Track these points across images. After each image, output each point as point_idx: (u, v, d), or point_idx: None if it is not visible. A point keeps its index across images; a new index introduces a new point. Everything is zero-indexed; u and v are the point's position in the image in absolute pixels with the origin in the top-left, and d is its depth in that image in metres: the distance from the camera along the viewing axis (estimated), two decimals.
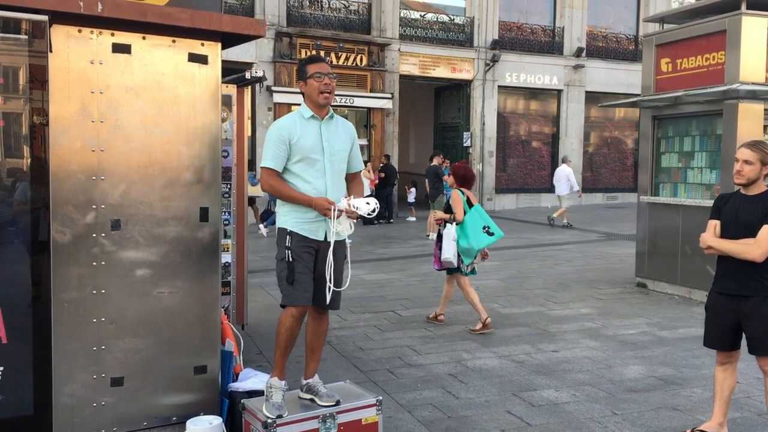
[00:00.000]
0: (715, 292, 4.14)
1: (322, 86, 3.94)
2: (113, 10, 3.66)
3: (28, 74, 3.62)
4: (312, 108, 3.99)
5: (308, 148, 3.92)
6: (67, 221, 3.72)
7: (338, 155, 4.04)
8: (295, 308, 3.91)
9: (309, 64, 4.02)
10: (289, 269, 3.87)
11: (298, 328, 3.97)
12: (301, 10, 19.26)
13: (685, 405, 4.88)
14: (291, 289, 3.89)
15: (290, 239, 3.90)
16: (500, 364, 5.81)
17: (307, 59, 4.10)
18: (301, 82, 4.03)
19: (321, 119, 4.00)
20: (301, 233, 3.92)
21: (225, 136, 5.45)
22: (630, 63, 23.23)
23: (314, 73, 3.95)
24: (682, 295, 8.59)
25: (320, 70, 3.96)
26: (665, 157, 9.14)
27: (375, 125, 20.07)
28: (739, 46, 7.77)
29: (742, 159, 3.98)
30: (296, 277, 3.87)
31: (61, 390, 3.74)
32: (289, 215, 3.97)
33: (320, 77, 3.94)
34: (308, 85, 3.97)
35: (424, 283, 9.40)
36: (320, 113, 4.00)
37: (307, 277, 3.93)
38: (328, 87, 3.96)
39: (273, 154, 3.91)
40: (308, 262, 3.94)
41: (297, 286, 3.88)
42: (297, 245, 3.90)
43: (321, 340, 4.20)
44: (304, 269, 3.91)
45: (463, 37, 21.58)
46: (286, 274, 3.88)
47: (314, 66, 3.99)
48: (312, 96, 3.98)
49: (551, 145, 23.26)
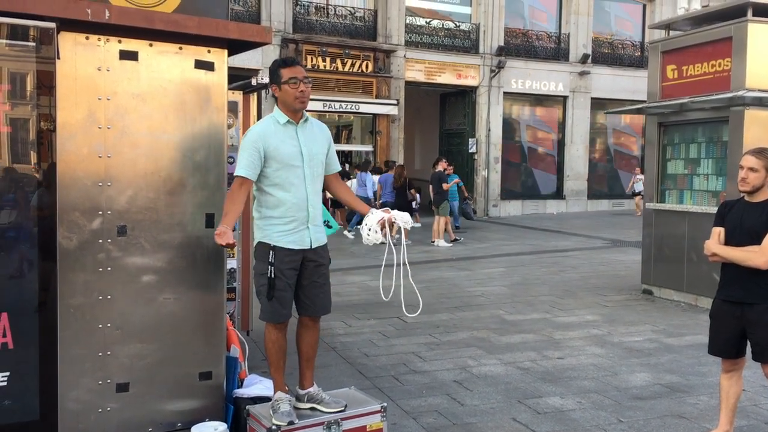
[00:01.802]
0: (720, 300, 4.13)
1: (298, 93, 3.81)
2: (121, 18, 3.68)
3: (36, 81, 3.65)
4: (287, 113, 3.87)
5: (287, 155, 3.81)
6: (74, 227, 3.74)
7: (316, 159, 3.95)
8: (276, 323, 3.91)
9: (283, 68, 3.86)
10: (270, 286, 3.81)
11: (285, 339, 3.97)
12: (308, 17, 19.32)
13: (691, 413, 4.86)
14: (270, 306, 3.84)
15: (273, 255, 3.82)
16: (506, 371, 5.80)
17: (280, 62, 3.92)
18: (274, 86, 3.87)
19: (297, 124, 3.90)
20: (287, 246, 3.84)
21: (231, 143, 5.47)
22: (636, 70, 23.20)
23: (289, 78, 3.81)
24: (689, 302, 8.56)
25: (295, 75, 3.81)
26: (671, 163, 9.12)
27: (380, 131, 20.09)
28: (746, 53, 7.76)
29: (747, 166, 3.97)
30: (276, 294, 3.81)
31: (67, 395, 3.75)
32: (270, 228, 3.86)
33: (295, 83, 3.81)
34: (282, 90, 3.84)
35: (429, 289, 9.39)
36: (295, 118, 3.89)
37: (287, 293, 3.88)
38: (304, 94, 3.83)
39: (248, 163, 3.77)
40: (290, 278, 3.87)
41: (276, 303, 3.83)
42: (280, 261, 3.82)
43: (315, 349, 4.16)
44: (285, 286, 3.86)
45: (468, 43, 21.61)
46: (266, 290, 3.82)
47: (289, 71, 3.83)
48: (287, 102, 3.85)
49: (557, 151, 23.24)
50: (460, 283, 10.00)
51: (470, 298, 8.89)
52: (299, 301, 4.02)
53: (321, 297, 4.04)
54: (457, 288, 9.64)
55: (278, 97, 3.90)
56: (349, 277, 10.35)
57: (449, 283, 10.02)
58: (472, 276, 10.72)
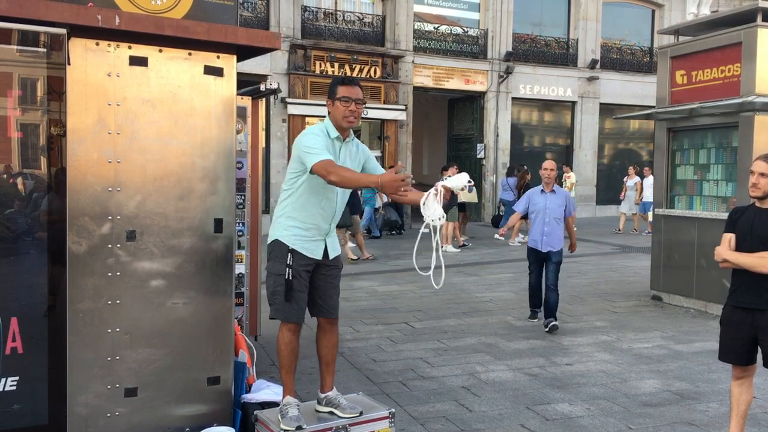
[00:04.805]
0: (731, 306, 4.10)
1: (347, 111, 3.91)
2: (130, 24, 3.70)
3: (47, 86, 3.68)
4: (336, 128, 3.98)
5: None
6: (83, 232, 3.75)
7: None
8: (291, 324, 3.93)
9: (340, 85, 3.97)
10: (287, 287, 3.86)
11: (298, 342, 4.00)
12: (316, 23, 19.37)
13: (701, 420, 4.83)
14: (287, 306, 3.89)
15: (291, 257, 3.88)
16: (514, 377, 5.78)
17: (339, 79, 4.04)
18: (329, 101, 3.99)
19: (343, 141, 4.00)
20: (301, 251, 3.91)
21: (240, 148, 5.49)
22: (644, 75, 23.13)
23: (342, 96, 3.91)
24: (698, 308, 8.51)
25: (349, 95, 3.92)
26: (680, 169, 9.08)
27: (389, 137, 20.09)
28: (755, 58, 7.74)
29: (757, 172, 3.95)
30: (294, 295, 3.87)
31: (76, 400, 3.76)
32: (290, 230, 3.93)
33: (347, 102, 3.91)
34: (335, 106, 3.94)
35: (437, 294, 9.38)
36: (343, 135, 4.00)
37: (303, 294, 3.94)
38: (354, 114, 3.92)
39: (322, 147, 3.78)
40: (306, 279, 3.95)
41: (293, 303, 3.89)
42: (297, 263, 3.90)
43: (334, 353, 4.21)
44: (302, 286, 3.92)
45: (476, 49, 21.60)
46: (284, 290, 3.87)
47: (344, 89, 3.94)
48: (336, 118, 3.95)
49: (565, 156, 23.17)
50: (468, 289, 9.98)
51: (478, 304, 8.87)
52: (314, 303, 4.08)
53: (335, 298, 4.13)
54: (465, 293, 9.62)
55: (330, 112, 3.99)
56: (357, 283, 10.35)
57: (457, 288, 10.00)
58: (480, 281, 10.70)
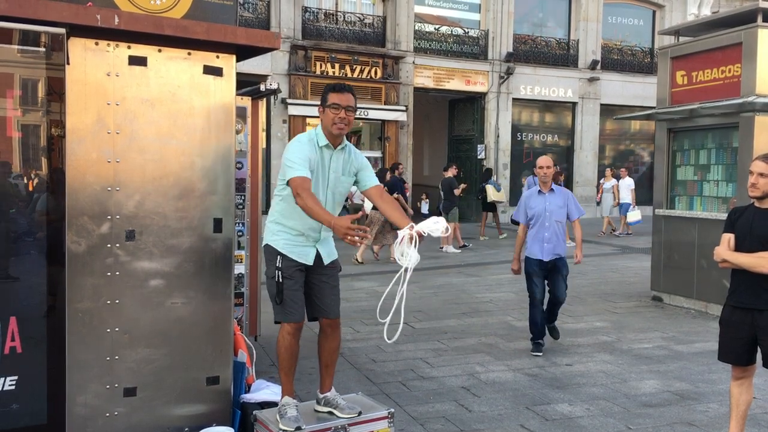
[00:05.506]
0: (730, 306, 4.10)
1: (337, 119, 3.88)
2: (130, 23, 3.70)
3: (46, 86, 3.68)
4: (327, 136, 3.94)
5: (314, 176, 3.87)
6: (83, 232, 3.75)
7: (342, 186, 4.05)
8: (290, 325, 3.93)
9: (331, 92, 3.94)
10: (278, 289, 3.88)
11: (297, 344, 3.99)
12: (317, 24, 19.38)
13: (701, 420, 4.82)
14: (280, 308, 3.91)
15: (281, 259, 3.90)
16: (514, 377, 5.77)
17: (331, 86, 4.01)
18: (320, 108, 3.98)
19: (334, 149, 3.98)
20: (290, 256, 3.92)
21: (239, 148, 5.49)
22: (645, 76, 23.13)
23: (332, 103, 3.90)
24: (698, 309, 8.50)
25: (339, 102, 3.89)
26: (681, 170, 9.08)
27: (389, 137, 20.10)
28: (756, 58, 7.73)
29: (756, 172, 3.95)
30: (285, 295, 3.88)
31: (75, 399, 3.76)
32: (279, 235, 3.96)
33: (337, 109, 3.88)
34: (325, 113, 3.93)
35: (437, 295, 9.37)
36: (334, 142, 3.97)
37: (298, 292, 3.94)
38: (343, 120, 3.89)
39: (303, 161, 3.76)
40: (299, 278, 3.95)
41: (288, 303, 3.89)
42: (287, 265, 3.91)
43: (334, 357, 4.21)
44: (295, 285, 3.92)
45: (477, 49, 21.61)
46: (275, 293, 3.90)
47: (335, 96, 3.91)
48: (326, 125, 3.93)
49: (566, 157, 23.17)
50: (468, 289, 9.98)
51: (478, 304, 8.87)
52: (311, 303, 4.08)
53: (332, 297, 4.10)
54: (465, 294, 9.62)
55: (321, 119, 3.98)
56: (357, 283, 10.35)
57: (457, 289, 10.00)
58: (481, 282, 10.69)
